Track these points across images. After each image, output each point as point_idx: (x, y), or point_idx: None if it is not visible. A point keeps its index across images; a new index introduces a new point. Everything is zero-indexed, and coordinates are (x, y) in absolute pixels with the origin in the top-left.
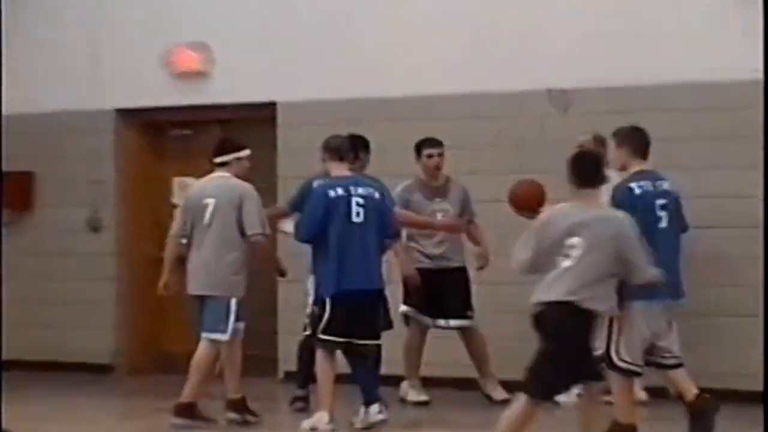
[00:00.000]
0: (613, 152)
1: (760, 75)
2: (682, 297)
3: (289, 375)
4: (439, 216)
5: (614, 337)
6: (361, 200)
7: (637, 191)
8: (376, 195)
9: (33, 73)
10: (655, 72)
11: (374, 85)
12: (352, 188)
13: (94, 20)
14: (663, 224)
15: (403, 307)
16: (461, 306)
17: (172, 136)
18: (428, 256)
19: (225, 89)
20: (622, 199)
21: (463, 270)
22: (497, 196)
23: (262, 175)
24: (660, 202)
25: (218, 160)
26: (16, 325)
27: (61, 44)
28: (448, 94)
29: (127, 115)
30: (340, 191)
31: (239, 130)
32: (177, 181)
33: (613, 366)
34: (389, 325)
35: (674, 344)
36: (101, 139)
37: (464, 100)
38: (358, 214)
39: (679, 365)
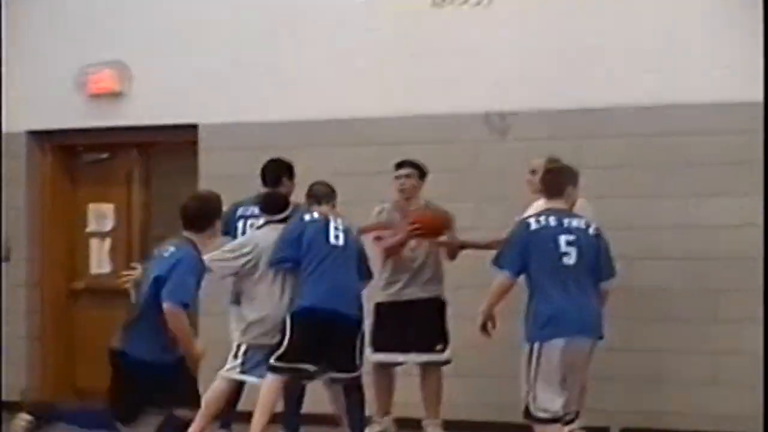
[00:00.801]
0: None
1: (710, 98)
2: (598, 336)
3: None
4: (412, 243)
5: (531, 381)
6: (340, 226)
7: (534, 226)
8: (353, 231)
9: None
10: (597, 95)
11: (301, 108)
12: (331, 218)
13: (4, 37)
14: (570, 261)
15: (374, 356)
16: (428, 339)
17: (87, 160)
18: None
19: (143, 110)
20: (516, 234)
21: (434, 300)
22: None
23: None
24: (567, 237)
25: (282, 215)
26: None
27: None
28: (379, 117)
29: (39, 137)
30: (316, 215)
31: (159, 154)
32: (93, 208)
33: (530, 416)
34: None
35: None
36: (12, 163)
37: (395, 124)
38: (336, 237)
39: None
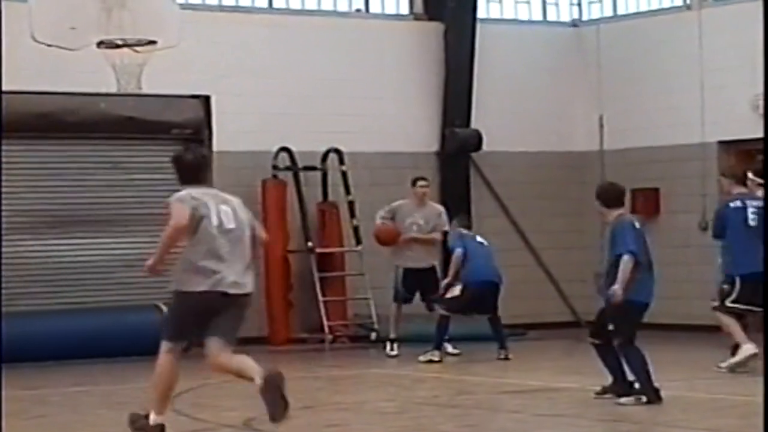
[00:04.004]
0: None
1: None
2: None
3: None
4: None
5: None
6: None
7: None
8: None
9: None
10: None
11: None
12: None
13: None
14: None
15: None
16: None
17: (760, 160)
18: None
19: None
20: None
21: None
22: None
23: None
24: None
25: None
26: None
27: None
28: None
29: (726, 145)
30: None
31: None
32: None
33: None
34: None
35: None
36: (707, 165)
37: None
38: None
39: None
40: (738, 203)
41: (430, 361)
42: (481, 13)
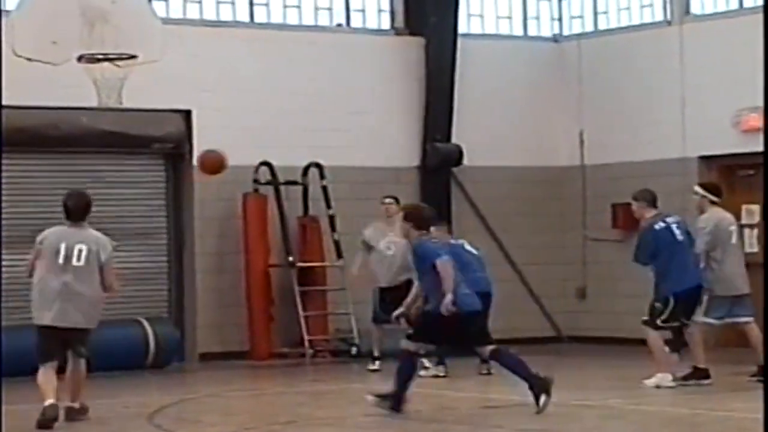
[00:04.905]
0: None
1: None
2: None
3: None
4: None
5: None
6: None
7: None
8: None
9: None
10: None
11: None
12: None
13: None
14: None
15: None
16: None
17: (740, 175)
18: None
19: None
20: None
21: None
22: None
23: None
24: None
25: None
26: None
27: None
28: None
29: (707, 160)
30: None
31: None
32: (745, 207)
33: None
34: None
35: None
36: (688, 180)
37: None
38: None
39: None
40: (661, 224)
41: (436, 376)
42: (462, 28)
